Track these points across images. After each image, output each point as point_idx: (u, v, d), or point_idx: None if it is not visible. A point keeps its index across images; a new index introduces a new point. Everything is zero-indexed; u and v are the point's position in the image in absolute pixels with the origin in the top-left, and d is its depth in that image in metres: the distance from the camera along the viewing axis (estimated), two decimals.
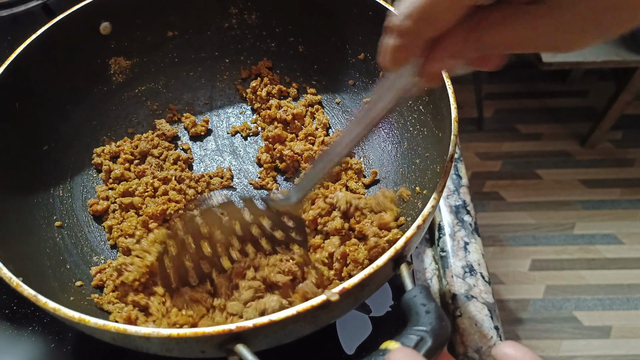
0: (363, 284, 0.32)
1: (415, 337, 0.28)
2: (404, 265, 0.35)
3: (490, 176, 1.77)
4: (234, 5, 0.60)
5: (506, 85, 1.99)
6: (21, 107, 0.49)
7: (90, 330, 0.33)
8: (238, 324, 0.30)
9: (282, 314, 0.30)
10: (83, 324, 0.32)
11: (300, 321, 0.32)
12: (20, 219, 0.46)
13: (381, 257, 0.33)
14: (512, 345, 0.27)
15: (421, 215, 0.36)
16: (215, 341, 0.31)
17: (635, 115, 1.86)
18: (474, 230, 0.58)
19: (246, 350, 0.30)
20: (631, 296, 1.49)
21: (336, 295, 0.31)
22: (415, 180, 0.50)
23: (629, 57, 1.31)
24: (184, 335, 0.30)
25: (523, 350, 0.27)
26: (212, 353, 0.34)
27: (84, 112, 0.56)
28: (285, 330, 0.33)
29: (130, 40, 0.58)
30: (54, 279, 0.45)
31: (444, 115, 0.44)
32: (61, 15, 0.50)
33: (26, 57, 0.48)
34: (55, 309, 0.32)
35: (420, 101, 0.51)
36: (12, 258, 0.36)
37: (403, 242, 0.34)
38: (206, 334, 0.30)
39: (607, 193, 1.71)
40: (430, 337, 0.28)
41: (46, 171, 0.52)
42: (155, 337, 0.30)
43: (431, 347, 0.28)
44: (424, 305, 0.30)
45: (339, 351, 0.48)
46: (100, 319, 0.32)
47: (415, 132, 0.52)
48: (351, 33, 0.58)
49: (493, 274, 1.53)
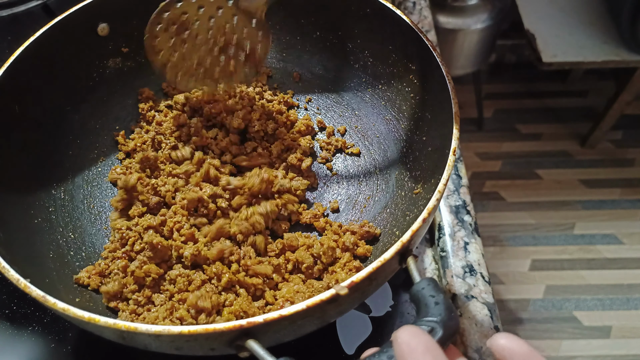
0: (370, 278, 0.33)
1: (426, 328, 0.29)
2: (411, 259, 0.35)
3: (490, 176, 1.77)
4: None
5: (506, 85, 1.99)
6: (21, 110, 0.49)
7: (100, 330, 0.33)
8: (249, 320, 0.30)
9: (291, 308, 0.31)
10: (93, 323, 0.32)
11: (309, 316, 0.32)
12: (23, 222, 0.46)
13: (388, 251, 0.34)
14: (507, 337, 0.27)
15: (426, 209, 0.36)
16: (226, 337, 0.31)
17: (635, 115, 1.86)
18: (474, 230, 0.58)
19: (257, 345, 0.31)
20: (631, 296, 1.49)
21: (345, 289, 0.32)
22: (418, 177, 0.50)
23: (629, 57, 1.31)
24: (195, 332, 0.30)
25: (518, 342, 0.27)
26: (221, 350, 0.34)
27: (83, 114, 0.56)
28: (294, 325, 0.33)
29: (129, 41, 0.58)
30: (59, 281, 0.45)
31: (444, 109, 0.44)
32: (58, 17, 0.50)
33: (24, 60, 0.48)
34: (65, 309, 0.32)
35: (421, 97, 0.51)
36: (17, 261, 0.36)
37: (409, 235, 0.35)
38: (217, 330, 0.30)
39: (607, 193, 1.71)
40: (441, 328, 0.28)
41: (47, 173, 0.52)
42: (166, 334, 0.30)
43: (442, 338, 0.28)
44: (432, 297, 0.31)
45: (339, 351, 0.48)
46: (110, 318, 0.32)
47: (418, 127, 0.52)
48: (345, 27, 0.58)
49: (493, 274, 1.53)
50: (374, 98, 0.59)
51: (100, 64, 0.57)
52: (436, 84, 0.47)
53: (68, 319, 0.34)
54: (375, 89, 0.58)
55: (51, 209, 0.50)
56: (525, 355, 0.27)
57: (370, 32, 0.56)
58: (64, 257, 0.48)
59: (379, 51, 0.56)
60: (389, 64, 0.56)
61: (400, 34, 0.52)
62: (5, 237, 0.40)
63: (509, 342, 0.27)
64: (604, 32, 1.35)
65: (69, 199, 0.53)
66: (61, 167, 0.53)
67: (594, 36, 1.35)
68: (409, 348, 0.25)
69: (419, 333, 0.26)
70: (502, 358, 0.27)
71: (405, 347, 0.25)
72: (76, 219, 0.52)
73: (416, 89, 0.53)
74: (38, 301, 0.34)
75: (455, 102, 0.43)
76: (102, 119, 0.58)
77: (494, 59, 1.96)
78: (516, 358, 0.27)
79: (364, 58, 0.58)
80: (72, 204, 0.53)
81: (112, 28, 0.56)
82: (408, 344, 0.25)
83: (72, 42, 0.53)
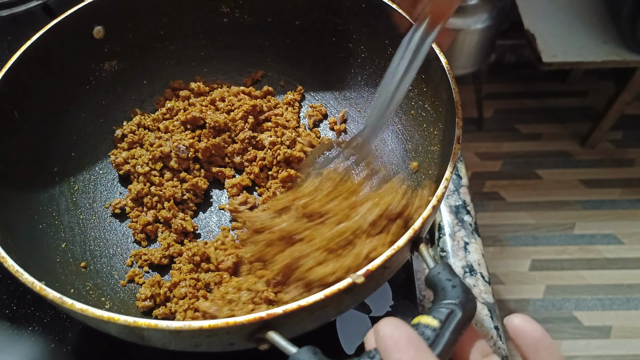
0: (385, 266, 0.34)
1: (446, 310, 0.29)
2: (423, 245, 0.36)
3: (490, 176, 1.77)
4: (225, 4, 0.60)
5: (506, 85, 1.99)
6: (20, 116, 0.48)
7: (119, 329, 0.33)
8: (268, 312, 0.31)
9: (310, 299, 0.31)
10: (112, 322, 0.31)
11: (326, 306, 0.33)
12: (29, 228, 0.46)
13: (401, 239, 0.34)
14: (522, 318, 0.28)
15: (435, 196, 0.37)
16: (246, 331, 0.31)
17: (635, 115, 1.86)
18: (474, 230, 0.58)
19: (278, 336, 0.31)
20: (631, 296, 1.49)
21: (361, 278, 0.32)
22: (422, 169, 0.50)
23: (629, 57, 1.31)
24: (215, 326, 0.30)
25: (532, 324, 0.28)
26: (241, 345, 0.34)
27: (80, 118, 0.56)
28: (312, 316, 0.34)
29: (123, 44, 0.58)
30: (67, 283, 0.45)
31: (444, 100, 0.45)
32: (54, 21, 0.50)
33: (21, 66, 0.47)
34: (83, 309, 0.32)
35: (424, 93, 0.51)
36: (27, 265, 0.36)
37: (420, 222, 0.35)
38: (237, 323, 0.30)
39: (607, 193, 1.71)
40: (460, 310, 0.29)
41: (49, 177, 0.52)
42: (187, 329, 0.30)
43: (461, 319, 0.29)
44: (449, 281, 0.31)
45: (339, 351, 0.48)
46: (130, 317, 0.32)
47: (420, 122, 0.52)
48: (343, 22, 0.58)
49: (493, 274, 1.53)
50: (374, 94, 0.59)
51: (96, 67, 0.57)
52: (435, 74, 0.47)
53: (85, 319, 0.34)
54: (375, 84, 0.59)
55: (54, 214, 0.50)
56: (537, 339, 0.28)
57: (367, 27, 0.56)
58: (69, 260, 0.48)
59: (376, 46, 0.56)
60: (385, 58, 0.56)
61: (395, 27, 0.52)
62: (14, 244, 0.40)
63: (523, 323, 0.28)
64: (604, 32, 1.35)
65: (71, 203, 0.52)
66: (62, 171, 0.53)
67: (594, 36, 1.35)
68: (392, 340, 0.25)
69: (401, 325, 0.26)
70: (514, 337, 0.28)
71: (389, 340, 0.25)
72: (79, 222, 0.52)
73: (415, 81, 0.53)
74: (55, 303, 0.33)
75: (456, 91, 0.44)
76: (99, 123, 0.58)
77: (494, 59, 1.96)
78: (527, 340, 0.28)
79: (361, 53, 0.58)
80: (74, 208, 0.52)
81: (107, 31, 0.56)
82: (391, 337, 0.26)
83: (69, 45, 0.53)
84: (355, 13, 0.56)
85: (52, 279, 0.43)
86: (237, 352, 0.37)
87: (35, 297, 0.50)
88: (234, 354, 0.37)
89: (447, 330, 0.28)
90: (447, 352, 0.27)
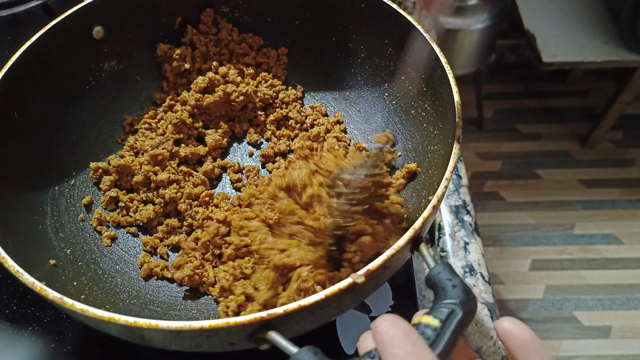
0: (385, 266, 0.34)
1: (446, 310, 0.29)
2: (423, 245, 0.36)
3: (490, 176, 1.77)
4: (225, 4, 0.60)
5: (506, 85, 1.98)
6: (20, 116, 0.48)
7: (120, 329, 0.33)
8: (269, 311, 0.31)
9: (310, 299, 0.31)
10: (113, 322, 0.32)
11: (326, 306, 0.33)
12: (28, 229, 0.46)
13: (402, 238, 0.34)
14: (511, 321, 0.29)
15: (436, 196, 0.37)
16: (247, 331, 0.32)
17: (635, 115, 1.86)
18: (474, 230, 0.58)
19: (279, 336, 0.31)
20: (631, 296, 1.49)
21: (362, 278, 0.32)
22: (423, 168, 0.50)
23: (629, 57, 1.31)
24: (216, 326, 0.30)
25: (522, 327, 0.28)
26: (241, 345, 0.34)
27: (80, 118, 0.56)
28: (313, 316, 0.34)
29: (123, 44, 0.58)
30: (67, 284, 0.45)
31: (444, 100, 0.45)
32: (54, 21, 0.50)
33: (21, 66, 0.47)
34: (83, 309, 0.32)
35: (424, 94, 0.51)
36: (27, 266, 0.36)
37: (420, 222, 0.35)
38: (238, 323, 0.30)
39: (607, 193, 1.71)
40: (460, 309, 0.29)
41: (49, 178, 0.51)
42: (188, 330, 0.31)
43: (462, 318, 0.29)
44: (449, 280, 0.31)
45: (339, 351, 0.48)
46: (131, 317, 0.32)
47: (421, 121, 0.52)
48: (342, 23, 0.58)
49: (493, 274, 1.53)
50: (373, 94, 0.59)
51: (96, 67, 0.57)
52: (435, 74, 0.47)
53: (85, 320, 0.34)
54: (375, 84, 0.59)
55: (54, 214, 0.50)
56: (526, 341, 0.28)
57: (367, 27, 0.56)
58: (69, 260, 0.48)
59: (376, 46, 0.56)
60: (385, 58, 0.56)
61: (395, 26, 0.52)
62: (14, 244, 0.40)
63: (512, 325, 0.28)
64: (604, 32, 1.35)
65: (71, 204, 0.52)
66: (62, 171, 0.53)
67: (594, 36, 1.34)
68: (389, 336, 0.26)
69: (398, 321, 0.26)
70: (505, 340, 0.29)
71: (385, 335, 0.26)
72: (79, 222, 0.52)
73: (415, 81, 0.53)
74: (55, 303, 0.33)
75: (456, 91, 0.44)
76: (99, 123, 0.58)
77: (494, 59, 1.96)
78: (517, 342, 0.28)
79: (362, 53, 0.58)
80: (74, 208, 0.52)
81: (107, 31, 0.56)
82: (387, 332, 0.26)
83: (69, 46, 0.53)
84: (355, 13, 0.56)
85: (52, 279, 0.43)
86: (238, 352, 0.37)
87: (35, 297, 0.50)
88: (234, 354, 0.37)
89: (448, 330, 0.28)
90: (447, 352, 0.27)
